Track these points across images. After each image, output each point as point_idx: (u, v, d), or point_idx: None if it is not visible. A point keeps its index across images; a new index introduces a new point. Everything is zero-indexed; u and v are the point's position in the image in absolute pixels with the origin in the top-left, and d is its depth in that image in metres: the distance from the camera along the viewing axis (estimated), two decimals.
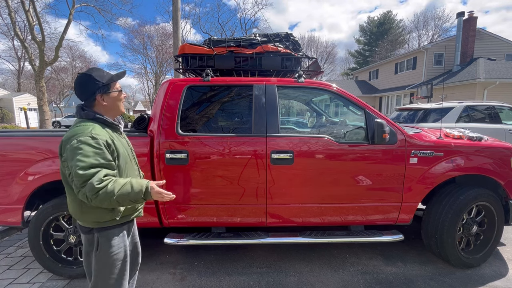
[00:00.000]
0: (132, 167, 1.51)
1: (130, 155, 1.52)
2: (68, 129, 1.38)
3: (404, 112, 7.06)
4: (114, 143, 1.37)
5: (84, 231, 1.41)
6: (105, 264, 1.38)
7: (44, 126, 15.19)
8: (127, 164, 1.44)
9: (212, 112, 2.60)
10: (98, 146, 1.26)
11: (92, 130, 1.30)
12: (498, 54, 17.39)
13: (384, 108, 21.44)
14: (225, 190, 2.39)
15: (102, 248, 1.37)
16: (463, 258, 2.53)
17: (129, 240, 1.54)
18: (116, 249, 1.39)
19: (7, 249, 3.02)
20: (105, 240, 1.38)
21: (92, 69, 1.41)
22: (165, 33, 31.68)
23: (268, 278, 2.46)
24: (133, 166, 1.53)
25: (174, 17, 8.26)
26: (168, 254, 2.86)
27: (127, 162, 1.45)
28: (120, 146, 1.42)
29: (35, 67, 15.25)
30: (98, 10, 18.27)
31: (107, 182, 1.24)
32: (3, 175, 2.30)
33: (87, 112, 1.38)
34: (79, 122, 1.37)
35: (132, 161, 1.53)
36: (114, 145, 1.37)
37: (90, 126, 1.32)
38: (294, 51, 2.82)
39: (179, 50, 2.79)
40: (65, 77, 32.08)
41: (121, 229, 1.44)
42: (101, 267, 1.39)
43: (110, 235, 1.39)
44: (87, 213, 1.35)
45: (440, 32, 35.05)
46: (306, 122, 5.87)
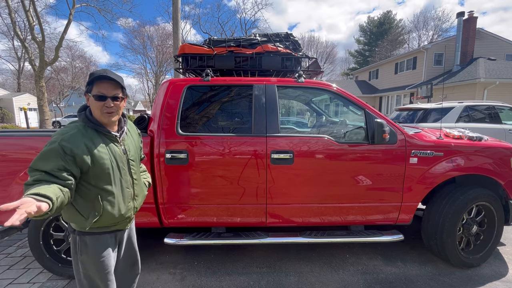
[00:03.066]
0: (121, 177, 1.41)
1: (122, 164, 1.41)
2: None
3: (404, 112, 7.06)
4: (92, 152, 1.28)
5: (70, 231, 1.40)
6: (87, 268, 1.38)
7: (44, 126, 15.19)
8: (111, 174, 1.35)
9: (212, 112, 2.60)
10: (56, 153, 1.20)
11: (63, 136, 1.24)
12: (498, 54, 17.38)
13: (384, 108, 21.44)
14: (225, 190, 2.39)
15: (83, 252, 1.36)
16: (463, 258, 2.53)
17: (118, 250, 1.51)
18: (95, 256, 1.37)
19: (7, 249, 3.02)
20: (83, 245, 1.36)
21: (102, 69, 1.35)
22: (165, 33, 31.72)
23: (268, 278, 2.46)
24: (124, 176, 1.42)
25: (174, 17, 8.26)
26: (168, 254, 2.86)
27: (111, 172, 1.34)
28: (103, 155, 1.32)
29: (35, 67, 15.25)
30: (98, 10, 18.28)
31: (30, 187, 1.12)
32: (3, 175, 2.30)
33: (80, 114, 1.37)
34: (72, 122, 1.37)
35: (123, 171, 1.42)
36: (91, 154, 1.28)
37: (68, 132, 1.27)
38: (294, 51, 2.82)
39: (179, 50, 2.79)
40: (65, 77, 32.05)
41: (101, 237, 1.39)
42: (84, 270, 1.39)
43: (88, 240, 1.36)
44: (66, 212, 1.33)
45: (440, 32, 35.10)
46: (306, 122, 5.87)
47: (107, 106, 1.32)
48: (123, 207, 1.42)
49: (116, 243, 1.49)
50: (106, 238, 1.41)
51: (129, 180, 1.46)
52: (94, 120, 1.35)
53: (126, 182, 1.43)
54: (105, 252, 1.40)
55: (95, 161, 1.29)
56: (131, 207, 1.48)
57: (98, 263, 1.38)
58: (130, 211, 1.48)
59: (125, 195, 1.43)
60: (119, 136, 1.43)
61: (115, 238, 1.48)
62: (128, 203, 1.45)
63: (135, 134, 1.60)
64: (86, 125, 1.34)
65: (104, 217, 1.34)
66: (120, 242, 1.53)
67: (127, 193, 1.45)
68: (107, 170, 1.33)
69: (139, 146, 1.62)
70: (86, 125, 1.34)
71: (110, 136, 1.39)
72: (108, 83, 1.33)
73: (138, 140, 1.63)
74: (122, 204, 1.41)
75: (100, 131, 1.35)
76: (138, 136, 1.64)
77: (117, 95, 1.35)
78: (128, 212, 1.46)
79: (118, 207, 1.39)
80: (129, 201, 1.46)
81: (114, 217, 1.38)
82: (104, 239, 1.40)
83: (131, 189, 1.48)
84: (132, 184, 1.48)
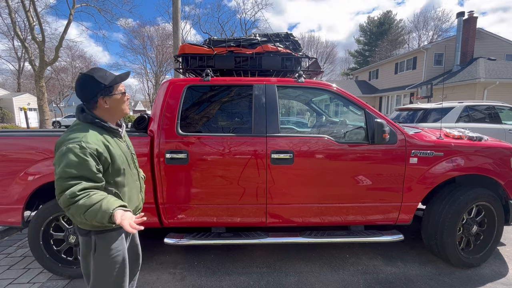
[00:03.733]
0: (131, 171, 1.48)
1: (129, 159, 1.49)
2: (65, 131, 1.34)
3: (404, 112, 7.06)
4: (110, 150, 1.33)
5: (81, 233, 1.38)
6: (103, 267, 1.37)
7: (44, 126, 15.20)
8: (125, 169, 1.41)
9: (212, 112, 2.60)
10: (84, 156, 1.21)
11: (83, 138, 1.25)
12: (498, 54, 17.38)
13: (384, 108, 21.44)
14: (225, 190, 2.39)
15: (100, 251, 1.35)
16: (463, 258, 2.53)
17: (128, 243, 1.53)
18: (114, 252, 1.37)
19: (7, 249, 3.02)
20: (103, 243, 1.36)
21: (94, 69, 1.36)
22: (165, 33, 31.72)
23: (268, 278, 2.46)
24: (132, 171, 1.49)
25: (174, 17, 8.26)
26: (168, 254, 2.86)
27: (124, 168, 1.41)
28: (117, 152, 1.38)
29: (35, 67, 15.25)
30: (98, 10, 18.28)
31: (81, 197, 1.17)
32: (3, 175, 2.30)
33: (85, 115, 1.34)
34: (76, 124, 1.34)
35: (131, 165, 1.49)
36: (109, 152, 1.32)
37: (83, 133, 1.27)
38: (294, 51, 2.82)
39: (179, 50, 2.79)
40: (65, 77, 32.09)
41: (119, 232, 1.41)
42: (100, 269, 1.37)
43: (108, 238, 1.36)
44: None
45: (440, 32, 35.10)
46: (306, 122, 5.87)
47: (128, 98, 1.48)
48: (136, 199, 1.52)
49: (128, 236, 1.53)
50: (122, 232, 1.44)
51: (136, 174, 1.56)
52: (102, 119, 1.37)
53: (134, 175, 1.52)
54: (122, 246, 1.43)
55: (113, 158, 1.34)
56: (141, 199, 1.60)
57: (118, 257, 1.39)
58: (141, 202, 1.60)
59: (136, 188, 1.54)
60: (122, 132, 1.49)
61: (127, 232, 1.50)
62: (139, 195, 1.57)
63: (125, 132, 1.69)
64: (94, 124, 1.35)
65: None
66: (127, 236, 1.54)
67: (137, 186, 1.55)
68: (121, 165, 1.39)
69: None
70: (95, 124, 1.35)
71: (116, 133, 1.44)
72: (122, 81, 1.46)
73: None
74: (135, 196, 1.51)
75: (107, 129, 1.38)
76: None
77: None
78: (140, 203, 1.57)
79: (133, 200, 1.49)
80: (139, 193, 1.57)
81: (132, 209, 1.43)
82: (120, 234, 1.43)
83: (139, 182, 1.58)
84: (138, 177, 1.59)
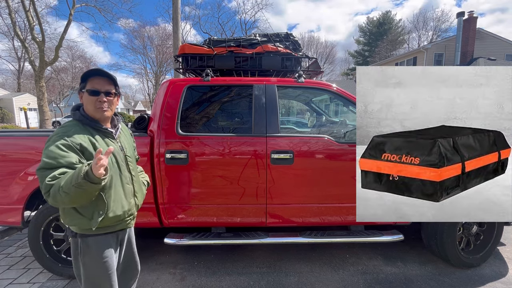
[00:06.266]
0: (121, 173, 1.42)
1: (121, 161, 1.43)
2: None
3: None
4: (96, 147, 1.30)
5: (70, 234, 1.38)
6: (89, 270, 1.37)
7: (44, 126, 15.19)
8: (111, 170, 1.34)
9: (212, 112, 2.60)
10: (64, 149, 1.21)
11: (68, 132, 1.26)
12: (498, 54, 17.41)
13: None
14: (225, 190, 2.39)
15: (85, 254, 1.36)
16: (463, 258, 2.53)
17: (119, 250, 1.51)
18: (98, 258, 1.36)
19: (7, 249, 3.02)
20: (86, 247, 1.35)
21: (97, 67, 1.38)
22: (165, 33, 31.75)
23: (268, 278, 2.46)
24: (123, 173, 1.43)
25: (174, 17, 8.26)
26: (168, 254, 2.86)
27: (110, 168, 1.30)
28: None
29: (35, 67, 15.25)
30: (98, 10, 18.30)
31: (61, 178, 1.16)
32: (3, 175, 2.30)
33: (75, 113, 1.37)
34: (68, 121, 1.37)
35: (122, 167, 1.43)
36: (95, 149, 1.29)
37: (70, 128, 1.29)
38: (294, 51, 2.83)
39: (179, 50, 2.79)
40: (65, 77, 32.07)
41: (104, 238, 1.39)
42: (86, 272, 1.38)
43: (90, 242, 1.35)
44: (67, 216, 1.32)
45: (439, 33, 35.09)
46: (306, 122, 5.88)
47: (100, 101, 1.34)
48: (126, 203, 1.44)
49: (118, 243, 1.49)
50: (109, 239, 1.41)
51: (128, 176, 1.48)
52: (89, 117, 1.37)
53: (125, 178, 1.45)
54: (108, 253, 1.40)
55: None
56: (133, 204, 1.50)
57: (101, 264, 1.38)
58: (133, 207, 1.50)
59: (126, 192, 1.45)
60: (115, 133, 1.46)
61: (117, 238, 1.47)
62: (130, 200, 1.48)
63: (128, 134, 1.64)
64: (82, 122, 1.35)
65: (109, 215, 1.35)
66: (122, 242, 1.53)
67: (128, 189, 1.46)
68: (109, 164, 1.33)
69: (133, 146, 1.65)
70: (82, 122, 1.35)
71: (107, 133, 1.42)
72: (101, 79, 1.36)
73: (131, 140, 1.66)
74: (124, 200, 1.43)
75: (97, 127, 1.37)
76: (131, 136, 1.67)
77: (109, 90, 1.38)
78: (131, 208, 1.48)
79: (122, 204, 1.41)
80: (130, 198, 1.48)
81: (119, 214, 1.39)
82: (106, 240, 1.40)
83: (131, 185, 1.50)
84: (131, 181, 1.50)
